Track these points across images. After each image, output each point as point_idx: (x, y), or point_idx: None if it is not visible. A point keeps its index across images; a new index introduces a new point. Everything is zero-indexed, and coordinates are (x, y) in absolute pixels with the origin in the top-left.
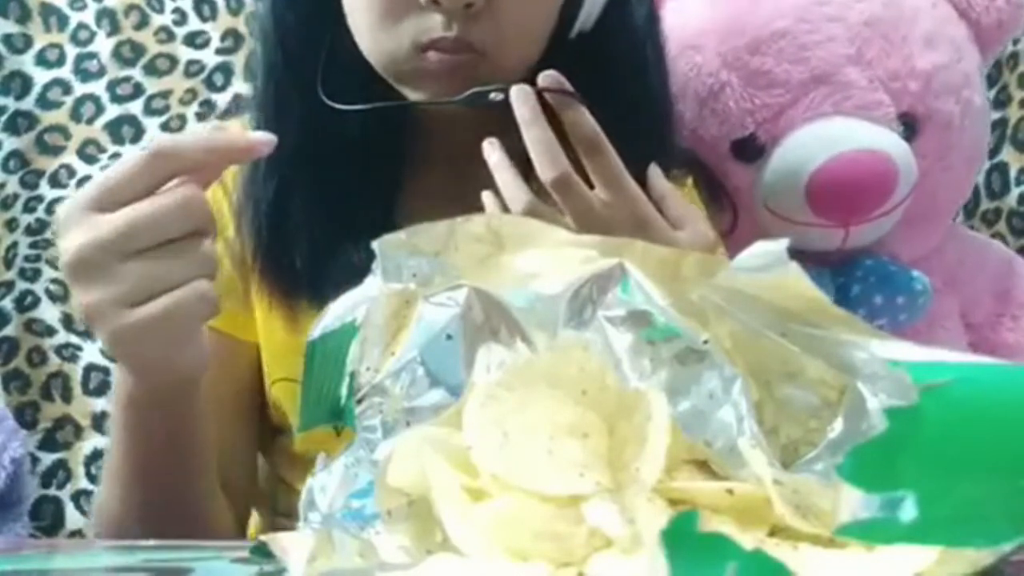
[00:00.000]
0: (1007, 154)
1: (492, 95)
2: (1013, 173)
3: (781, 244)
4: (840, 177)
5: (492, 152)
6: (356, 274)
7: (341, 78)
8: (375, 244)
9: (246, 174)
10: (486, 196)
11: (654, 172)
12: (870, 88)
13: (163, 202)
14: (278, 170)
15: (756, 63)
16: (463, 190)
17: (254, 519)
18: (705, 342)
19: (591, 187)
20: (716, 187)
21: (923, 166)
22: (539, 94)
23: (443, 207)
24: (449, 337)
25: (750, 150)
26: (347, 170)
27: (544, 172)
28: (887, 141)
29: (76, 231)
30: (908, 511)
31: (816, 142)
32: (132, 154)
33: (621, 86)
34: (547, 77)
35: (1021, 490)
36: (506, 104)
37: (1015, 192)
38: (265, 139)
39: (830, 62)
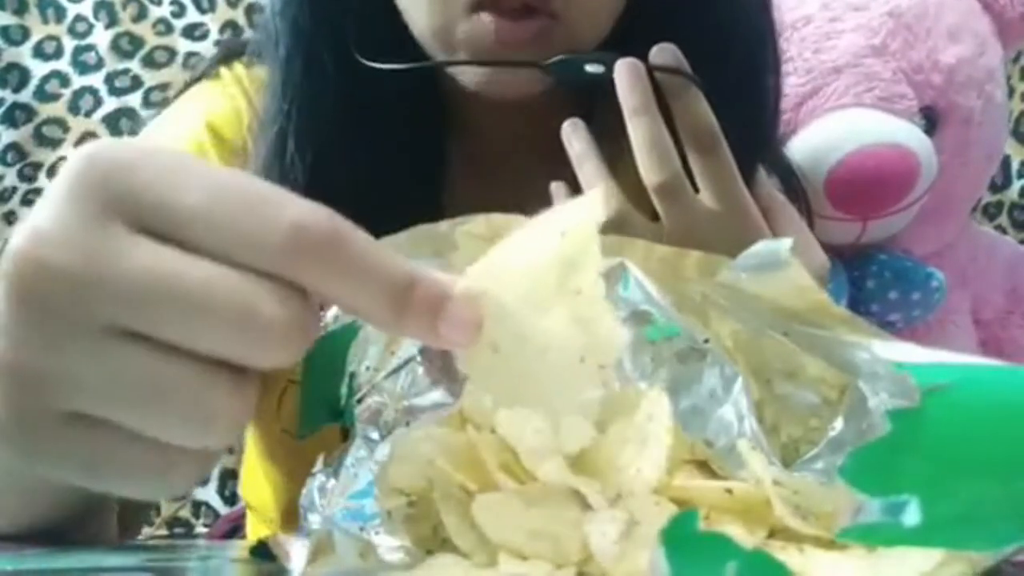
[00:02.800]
0: (1009, 147)
1: (588, 66)
2: (1015, 166)
3: (783, 243)
4: (861, 170)
5: (576, 138)
6: None
7: (377, 51)
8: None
9: (268, 156)
10: (556, 188)
11: (765, 183)
12: (893, 80)
13: (259, 302)
14: (311, 143)
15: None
16: (513, 177)
17: (250, 520)
18: (706, 341)
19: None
20: None
21: (942, 161)
22: (649, 73)
23: (491, 194)
24: None
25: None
26: (389, 146)
27: (651, 174)
28: (910, 135)
29: (75, 222)
30: (910, 513)
31: (837, 134)
32: (251, 180)
33: (718, 65)
34: (664, 51)
35: (1022, 491)
36: (583, 81)
37: (1016, 185)
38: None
39: (853, 52)
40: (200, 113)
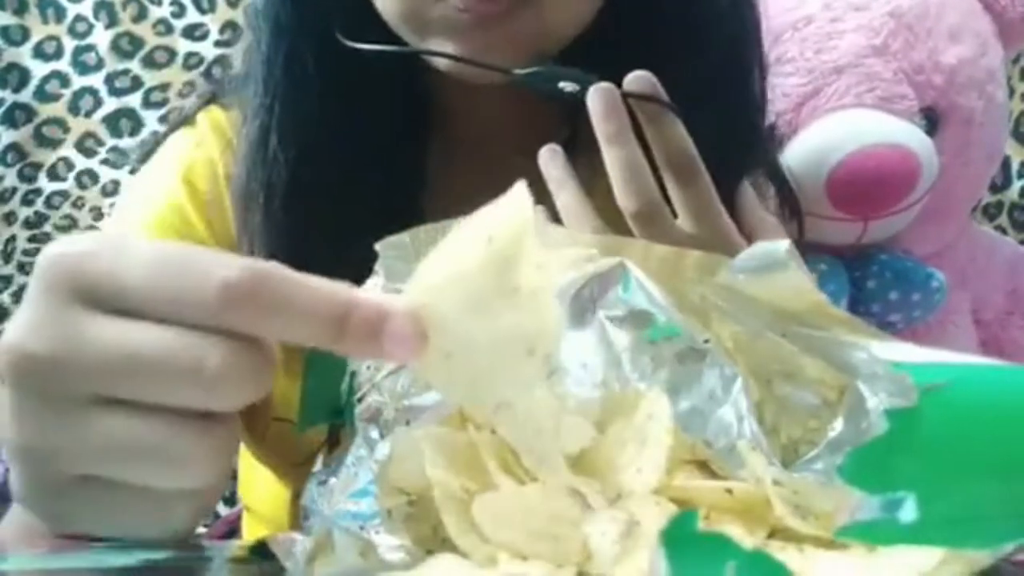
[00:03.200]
0: (1009, 147)
1: (563, 84)
2: (1015, 167)
3: (781, 245)
4: (862, 171)
5: (552, 164)
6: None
7: (356, 41)
8: (377, 245)
9: (249, 159)
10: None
11: (750, 200)
12: (894, 80)
13: (204, 353)
14: (294, 137)
15: (779, 50)
16: (494, 163)
17: (246, 520)
18: (706, 341)
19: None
20: None
21: (942, 161)
22: (624, 98)
23: (472, 180)
24: None
25: (769, 139)
26: (370, 137)
27: (627, 201)
28: (911, 135)
29: (43, 314)
30: (908, 512)
31: (838, 134)
32: (182, 250)
33: (700, 67)
34: (638, 80)
35: (1021, 490)
36: (555, 96)
37: (1017, 186)
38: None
39: (854, 52)
40: (175, 168)
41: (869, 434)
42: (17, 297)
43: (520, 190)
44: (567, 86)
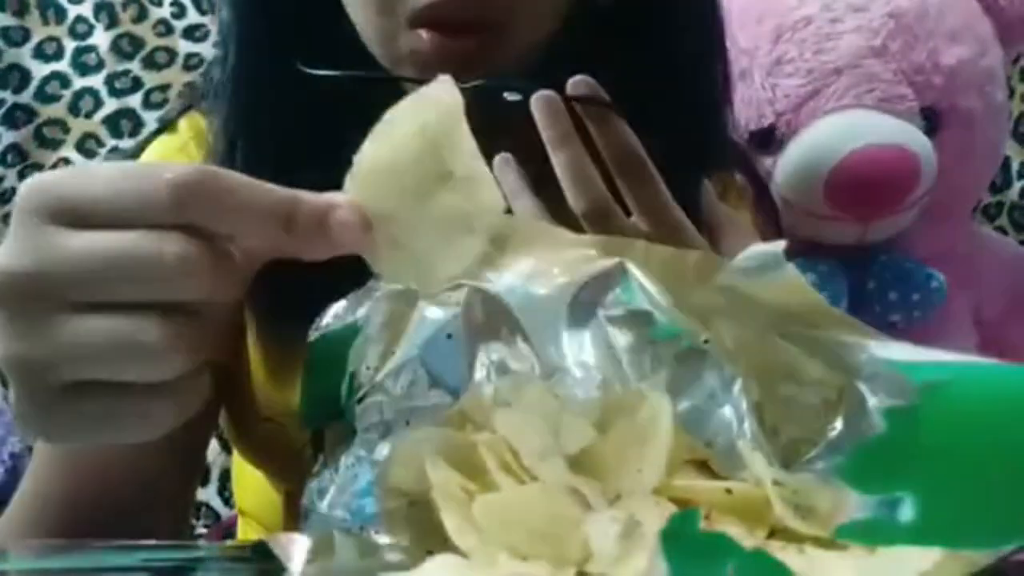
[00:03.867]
0: (1009, 148)
1: (507, 95)
2: (1015, 167)
3: (777, 246)
4: (862, 171)
5: (505, 173)
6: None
7: (324, 60)
8: None
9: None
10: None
11: (709, 197)
12: (894, 81)
13: (162, 246)
14: (257, 160)
15: (779, 51)
16: None
17: (241, 525)
18: (706, 342)
19: (624, 207)
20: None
21: (942, 162)
22: (567, 102)
23: None
24: (449, 337)
25: (769, 140)
26: (340, 155)
27: (577, 201)
28: (910, 136)
29: (20, 236)
30: (907, 512)
31: (838, 134)
32: (139, 163)
33: (665, 71)
34: (579, 84)
35: (1020, 490)
36: (500, 107)
37: (1017, 186)
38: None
39: (854, 53)
40: None
41: (869, 434)
42: None
43: (446, 80)
44: (511, 96)
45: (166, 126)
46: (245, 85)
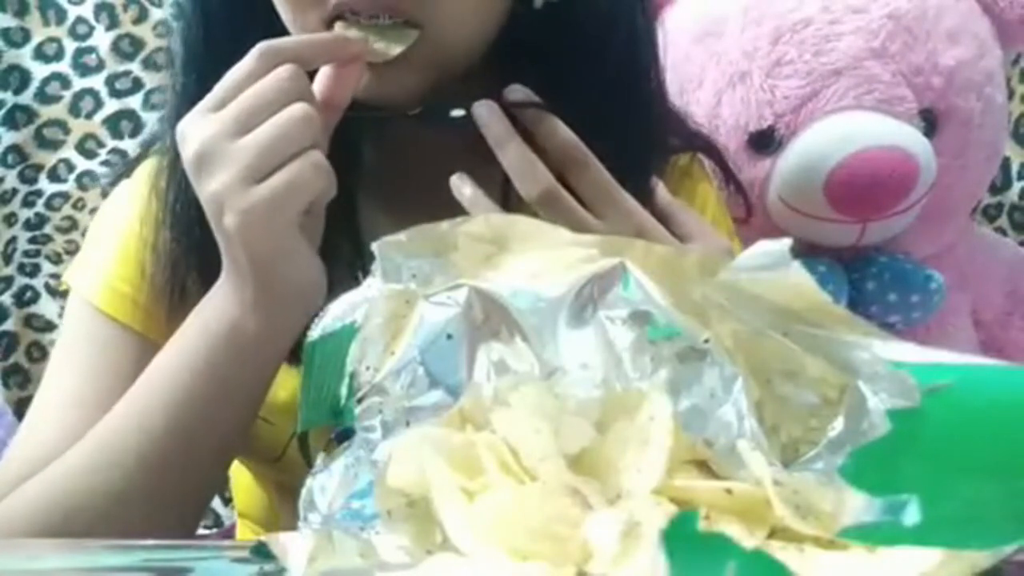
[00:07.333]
0: (1009, 149)
1: (452, 112)
2: (1015, 168)
3: (783, 244)
4: (860, 173)
5: (463, 187)
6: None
7: None
8: (374, 245)
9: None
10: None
11: (658, 188)
12: (893, 82)
13: (267, 82)
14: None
15: (778, 53)
16: (427, 199)
17: (239, 527)
18: (706, 341)
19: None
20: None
21: (941, 163)
22: (505, 109)
23: (405, 210)
24: (449, 337)
25: (768, 142)
26: None
27: (526, 189)
28: (909, 138)
29: (194, 131)
30: (910, 513)
31: (837, 136)
32: (240, 62)
33: (600, 69)
34: (514, 91)
35: (1021, 491)
36: (449, 124)
37: (1016, 187)
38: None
39: (853, 55)
40: (115, 232)
41: (870, 434)
42: (18, 299)
43: None
44: (455, 112)
45: (122, 175)
46: (195, 94)
